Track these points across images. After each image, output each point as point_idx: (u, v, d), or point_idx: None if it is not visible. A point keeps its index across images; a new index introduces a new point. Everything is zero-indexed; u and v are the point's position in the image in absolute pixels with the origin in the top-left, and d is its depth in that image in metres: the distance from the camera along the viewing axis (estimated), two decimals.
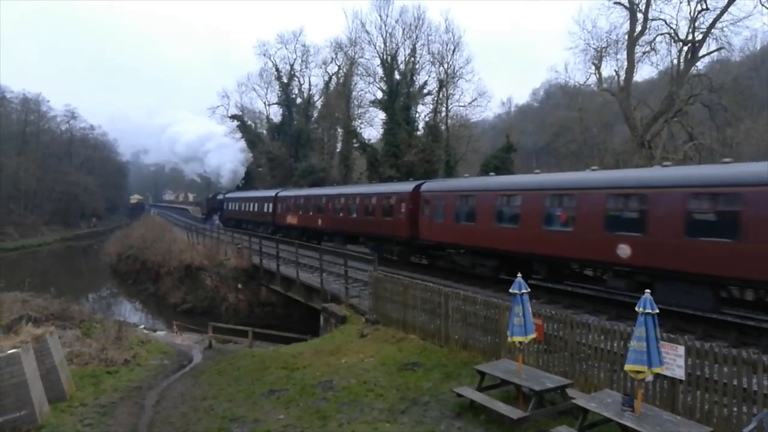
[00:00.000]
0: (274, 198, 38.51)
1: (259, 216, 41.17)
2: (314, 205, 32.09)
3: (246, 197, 46.39)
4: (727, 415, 6.72)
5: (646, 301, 6.42)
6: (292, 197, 35.95)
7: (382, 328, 13.52)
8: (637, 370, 6.35)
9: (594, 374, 8.38)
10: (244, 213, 45.83)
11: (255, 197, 43.62)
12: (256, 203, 42.30)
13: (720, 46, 30.25)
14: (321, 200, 31.14)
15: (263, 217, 40.09)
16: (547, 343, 9.21)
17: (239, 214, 47.32)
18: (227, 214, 51.88)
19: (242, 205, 46.63)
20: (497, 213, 17.36)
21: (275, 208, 38.15)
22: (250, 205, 44.13)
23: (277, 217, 37.77)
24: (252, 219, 42.82)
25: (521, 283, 8.29)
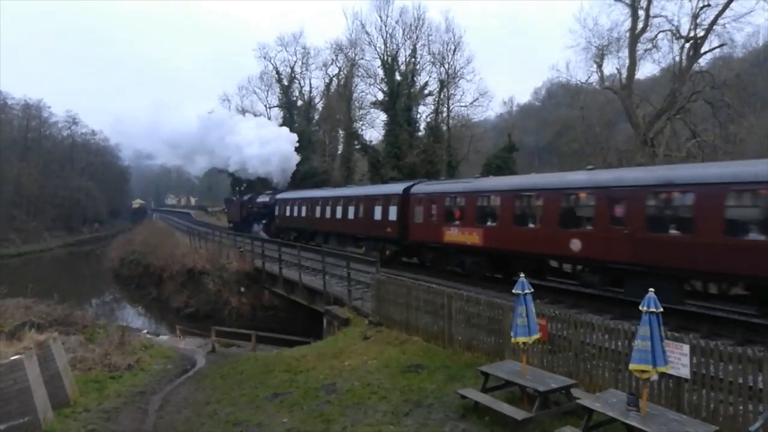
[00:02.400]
0: (401, 197, 23.18)
1: (360, 225, 26.64)
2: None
3: (327, 197, 31.16)
4: (732, 414, 6.67)
5: (650, 299, 6.38)
6: (445, 195, 20.76)
7: (385, 330, 13.48)
8: (642, 369, 6.31)
9: (599, 374, 8.33)
10: (321, 222, 31.27)
11: (350, 196, 28.43)
12: (357, 205, 27.10)
13: (722, 43, 30.23)
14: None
15: (371, 228, 25.39)
16: (551, 343, 9.16)
17: (310, 223, 32.95)
18: (284, 222, 37.39)
19: (317, 210, 31.80)
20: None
21: (405, 213, 22.80)
22: (336, 209, 29.24)
23: (411, 228, 22.28)
24: (340, 230, 29.03)
25: (524, 283, 8.24)
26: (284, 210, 37.39)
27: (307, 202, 33.58)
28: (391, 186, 26.41)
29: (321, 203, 31.24)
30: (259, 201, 44.19)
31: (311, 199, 33.13)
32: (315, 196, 33.06)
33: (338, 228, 29.11)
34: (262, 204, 43.16)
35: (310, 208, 32.95)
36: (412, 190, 22.80)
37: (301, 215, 34.26)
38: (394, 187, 25.06)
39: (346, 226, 28.09)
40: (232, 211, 51.48)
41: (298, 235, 34.94)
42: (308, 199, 33.67)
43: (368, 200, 26.01)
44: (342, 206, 28.58)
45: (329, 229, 30.25)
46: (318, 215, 31.41)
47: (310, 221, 32.78)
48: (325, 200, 30.82)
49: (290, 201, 36.79)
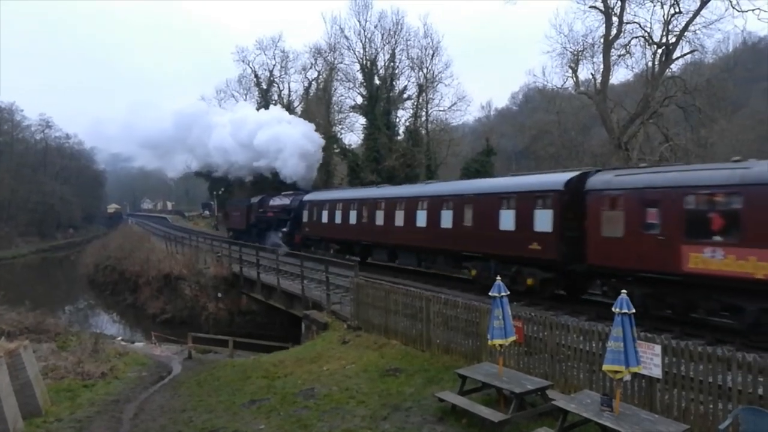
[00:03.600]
0: (562, 195, 15.24)
1: (467, 238, 18.45)
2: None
3: (399, 196, 22.78)
4: (703, 412, 6.81)
5: (622, 301, 6.48)
6: (686, 190, 12.20)
7: (363, 334, 13.47)
8: (615, 370, 6.40)
9: (574, 375, 8.44)
10: (386, 231, 22.89)
11: (445, 195, 20.17)
12: (458, 208, 19.00)
13: (693, 49, 30.95)
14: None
15: (491, 243, 17.40)
16: (527, 345, 9.25)
17: (365, 232, 24.63)
18: (316, 230, 28.96)
19: (378, 215, 23.62)
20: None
21: (574, 220, 14.87)
22: (417, 213, 20.95)
23: (593, 244, 14.15)
24: (427, 244, 20.62)
25: (501, 286, 8.31)
26: (317, 215, 28.53)
27: (360, 203, 24.84)
28: (533, 178, 17.11)
29: (386, 205, 22.84)
30: (275, 203, 35.22)
31: (368, 200, 24.36)
32: (375, 195, 24.40)
33: (421, 240, 20.53)
34: (280, 207, 34.19)
35: (365, 211, 24.17)
36: (592, 184, 14.29)
37: (348, 222, 25.59)
38: (545, 178, 16.40)
39: (436, 237, 19.58)
40: (235, 217, 42.83)
41: (343, 247, 26.79)
42: (362, 200, 24.88)
43: (486, 200, 17.59)
44: (428, 209, 20.13)
45: (402, 241, 21.69)
46: (381, 222, 22.92)
47: (366, 230, 24.24)
48: (395, 201, 22.30)
49: (328, 203, 27.71)
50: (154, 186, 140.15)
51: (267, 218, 35.83)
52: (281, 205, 34.71)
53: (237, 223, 42.18)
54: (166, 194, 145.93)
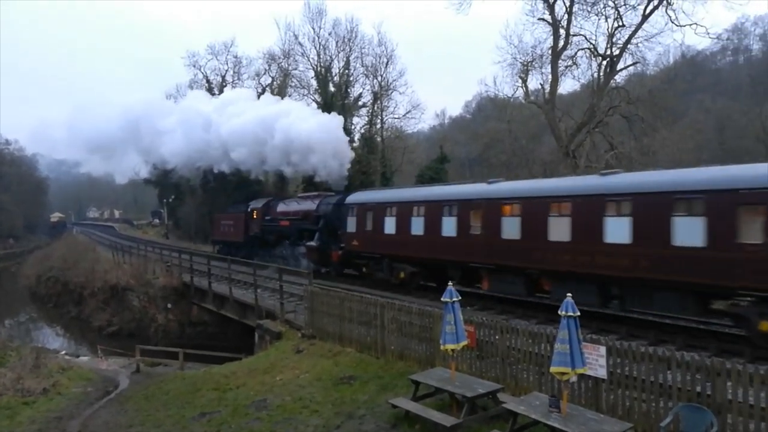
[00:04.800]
0: None
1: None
2: None
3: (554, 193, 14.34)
4: (646, 411, 7.05)
5: (567, 304, 6.67)
6: None
7: (318, 343, 13.34)
8: (562, 371, 6.57)
9: (524, 377, 8.61)
10: (523, 251, 14.53)
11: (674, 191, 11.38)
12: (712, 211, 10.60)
13: (636, 61, 32.38)
14: None
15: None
16: (479, 349, 9.37)
17: (464, 249, 16.38)
18: (369, 245, 20.52)
19: (506, 225, 15.13)
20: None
21: None
22: (591, 221, 12.78)
23: None
24: (622, 273, 12.17)
25: (452, 291, 8.41)
26: (374, 223, 20.02)
27: (465, 206, 16.36)
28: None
29: (526, 209, 14.49)
30: (291, 209, 27.47)
31: (482, 201, 15.88)
32: (496, 194, 15.72)
33: (622, 266, 12.08)
34: (301, 214, 26.07)
35: (478, 217, 15.84)
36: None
37: (438, 233, 17.08)
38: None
39: (663, 263, 11.23)
40: (226, 228, 34.71)
41: (424, 269, 18.62)
42: (470, 201, 16.36)
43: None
44: (638, 214, 11.85)
45: (568, 265, 13.20)
46: (515, 234, 14.63)
47: (478, 245, 15.71)
48: (550, 202, 13.91)
49: (396, 206, 19.13)
50: (101, 194, 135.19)
51: (278, 228, 27.96)
52: (302, 210, 26.23)
53: (229, 234, 33.97)
54: (113, 202, 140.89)
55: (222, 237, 36.08)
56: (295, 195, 34.24)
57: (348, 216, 21.61)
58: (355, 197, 22.25)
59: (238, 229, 33.08)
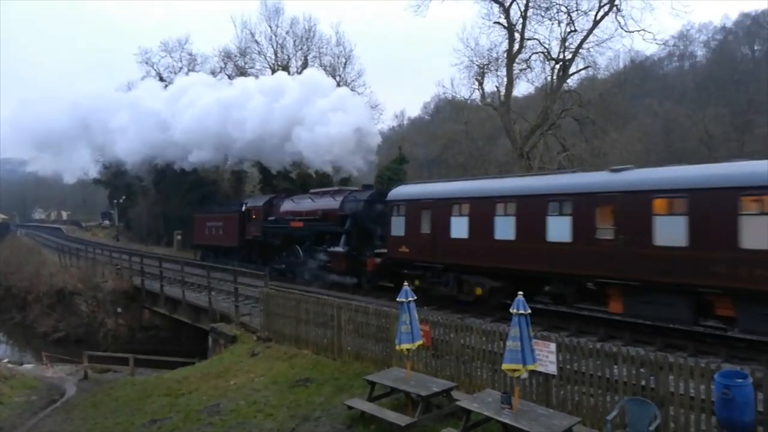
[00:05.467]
0: None
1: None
2: None
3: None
4: (594, 405, 7.25)
5: (519, 302, 6.79)
6: None
7: (274, 346, 13.16)
8: (514, 368, 6.68)
9: (478, 375, 8.71)
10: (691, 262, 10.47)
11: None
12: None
13: (587, 65, 33.40)
14: None
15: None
16: (434, 348, 9.44)
17: (580, 259, 12.26)
18: (422, 250, 16.15)
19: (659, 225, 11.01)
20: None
21: None
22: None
23: None
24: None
25: (408, 291, 8.43)
26: (434, 223, 15.86)
27: (584, 201, 12.47)
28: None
29: (695, 203, 10.52)
30: (305, 207, 23.09)
31: (614, 195, 11.89)
32: (639, 183, 11.67)
33: None
34: (321, 212, 21.70)
35: (611, 216, 11.95)
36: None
37: (537, 235, 13.22)
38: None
39: None
40: (213, 231, 30.13)
41: (505, 286, 14.24)
42: (592, 195, 12.40)
43: None
44: None
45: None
46: (683, 240, 10.63)
47: (605, 253, 11.90)
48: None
49: (471, 203, 15.09)
50: (48, 194, 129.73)
51: (287, 231, 23.48)
52: (319, 209, 21.87)
53: (217, 238, 29.54)
54: (61, 203, 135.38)
55: (206, 241, 31.16)
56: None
57: (392, 215, 17.27)
58: (404, 191, 17.68)
59: (230, 232, 28.30)
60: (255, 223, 26.22)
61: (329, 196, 22.25)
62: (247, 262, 25.27)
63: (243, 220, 27.42)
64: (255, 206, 26.79)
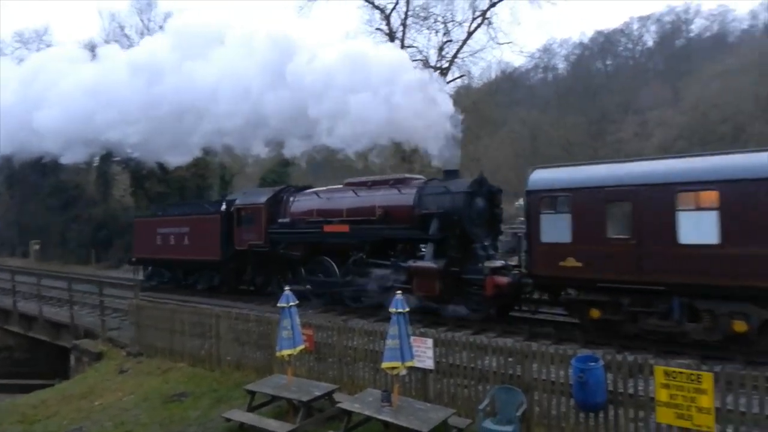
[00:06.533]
0: None
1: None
2: None
3: None
4: (468, 396, 7.61)
5: (397, 301, 6.96)
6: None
7: (145, 361, 12.31)
8: (393, 366, 6.83)
9: (360, 376, 8.79)
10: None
11: None
12: None
13: (462, 74, 35.24)
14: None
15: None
16: (317, 351, 9.38)
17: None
18: (637, 263, 10.16)
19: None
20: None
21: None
22: None
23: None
24: None
25: (289, 296, 8.30)
26: (620, 225, 10.55)
27: None
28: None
29: None
30: (349, 203, 16.28)
31: None
32: None
33: None
34: (382, 210, 15.20)
35: None
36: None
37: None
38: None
39: None
40: (175, 239, 21.19)
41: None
42: None
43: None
44: None
45: None
46: None
47: None
48: None
49: (714, 188, 9.34)
50: None
51: (317, 238, 16.42)
52: (382, 206, 15.21)
53: (183, 250, 20.70)
54: None
55: (159, 254, 21.83)
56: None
57: (542, 213, 11.61)
58: (563, 177, 11.61)
59: (205, 240, 19.83)
60: (252, 228, 18.47)
61: (388, 187, 15.64)
62: (237, 283, 19.71)
63: (227, 224, 19.35)
64: (251, 204, 18.84)
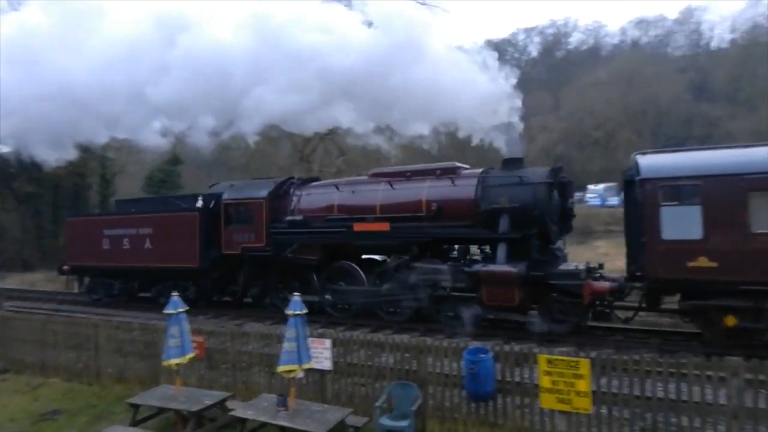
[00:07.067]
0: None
1: None
2: None
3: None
4: (365, 394, 7.62)
5: (296, 303, 6.80)
6: None
7: (11, 377, 11.08)
8: (289, 369, 6.66)
9: (255, 381, 8.50)
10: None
11: None
12: None
13: None
14: None
15: None
16: (209, 359, 8.94)
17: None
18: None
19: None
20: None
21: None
22: None
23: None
24: None
25: (177, 302, 7.82)
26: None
27: None
28: None
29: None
30: (383, 196, 13.33)
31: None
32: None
33: None
34: (435, 206, 12.39)
35: None
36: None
37: None
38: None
39: None
40: (128, 243, 16.63)
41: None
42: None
43: None
44: None
45: None
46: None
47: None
48: None
49: None
50: None
51: (341, 237, 13.47)
52: (434, 200, 12.56)
53: (143, 256, 16.37)
54: None
55: (105, 262, 17.15)
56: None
57: (662, 205, 9.56)
58: (686, 163, 9.89)
59: (179, 244, 15.66)
60: (247, 228, 15.03)
61: (435, 178, 12.95)
62: (220, 294, 16.11)
63: (209, 224, 15.53)
64: (247, 199, 15.25)
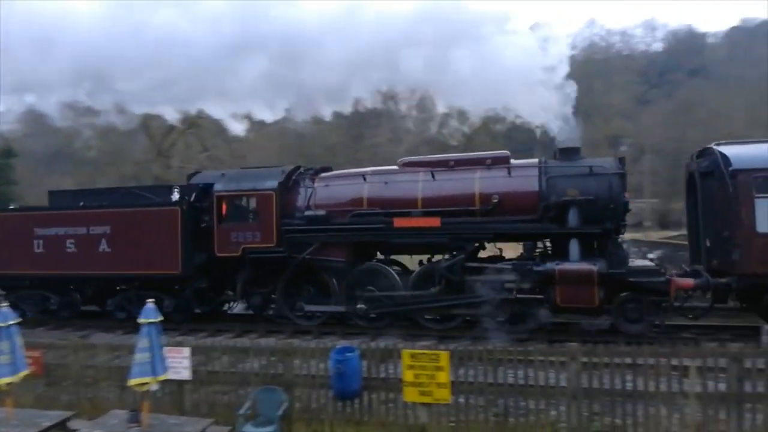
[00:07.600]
0: None
1: None
2: None
3: None
4: (227, 402, 7.35)
5: (148, 311, 6.34)
6: None
7: None
8: (143, 382, 6.20)
9: (103, 397, 7.85)
10: None
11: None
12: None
13: None
14: None
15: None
16: (48, 375, 8.07)
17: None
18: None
19: None
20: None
21: None
22: None
23: None
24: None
25: (8, 313, 6.92)
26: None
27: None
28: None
29: None
30: (441, 191, 11.47)
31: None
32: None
33: None
34: (496, 199, 10.93)
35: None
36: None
37: None
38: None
39: None
40: (77, 245, 13.24)
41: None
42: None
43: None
44: None
45: None
46: None
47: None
48: None
49: None
50: None
51: (378, 233, 11.60)
52: (494, 192, 11.05)
53: (98, 261, 13.06)
54: None
55: (37, 269, 13.78)
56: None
57: (757, 196, 9.22)
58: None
59: (153, 246, 12.78)
60: (251, 225, 12.58)
61: (486, 168, 11.51)
62: (204, 305, 13.45)
63: (193, 221, 12.90)
64: (250, 191, 12.72)
